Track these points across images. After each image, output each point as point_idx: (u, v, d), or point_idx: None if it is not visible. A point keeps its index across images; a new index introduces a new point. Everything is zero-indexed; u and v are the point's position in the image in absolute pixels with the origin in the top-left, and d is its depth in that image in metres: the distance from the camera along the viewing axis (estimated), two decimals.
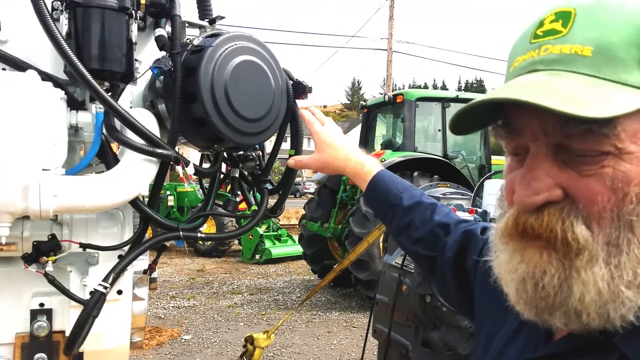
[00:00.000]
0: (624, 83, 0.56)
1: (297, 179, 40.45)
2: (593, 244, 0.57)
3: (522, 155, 0.63)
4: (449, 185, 6.55)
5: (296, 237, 10.30)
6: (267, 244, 10.73)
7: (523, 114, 0.61)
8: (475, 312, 0.94)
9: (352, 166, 1.24)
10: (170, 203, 11.41)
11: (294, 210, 18.76)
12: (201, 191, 1.98)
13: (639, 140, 0.56)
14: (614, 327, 0.58)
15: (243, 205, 1.92)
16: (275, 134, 1.59)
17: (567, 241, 0.58)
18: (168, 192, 11.40)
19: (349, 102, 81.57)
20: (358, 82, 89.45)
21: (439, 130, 8.04)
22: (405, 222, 1.17)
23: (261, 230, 10.80)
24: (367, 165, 1.24)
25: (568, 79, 0.57)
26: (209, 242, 11.11)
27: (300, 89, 1.58)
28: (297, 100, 1.59)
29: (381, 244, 6.38)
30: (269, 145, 1.75)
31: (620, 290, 0.56)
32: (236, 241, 11.69)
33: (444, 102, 7.97)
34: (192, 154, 1.91)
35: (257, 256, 10.71)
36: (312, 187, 23.83)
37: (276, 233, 11.16)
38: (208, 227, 10.43)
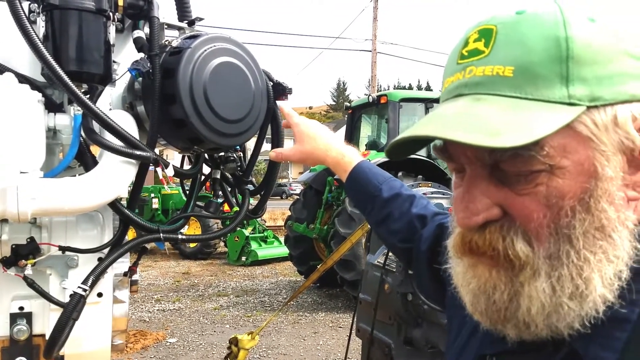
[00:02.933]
0: (547, 100, 0.56)
1: (284, 180, 40.52)
2: (534, 259, 0.58)
3: (464, 173, 0.64)
4: (430, 185, 6.63)
5: (282, 239, 10.29)
6: (253, 245, 10.70)
7: (455, 143, 0.59)
8: (447, 307, 0.96)
9: (332, 156, 1.23)
10: (155, 206, 11.33)
11: (280, 211, 18.75)
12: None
13: (569, 154, 0.57)
14: (562, 335, 0.60)
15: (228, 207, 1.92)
16: (256, 135, 1.60)
17: (509, 258, 0.59)
18: (152, 195, 11.32)
19: (334, 103, 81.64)
20: (343, 83, 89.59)
21: None
22: (384, 214, 1.17)
23: (247, 231, 10.77)
24: (347, 156, 1.23)
25: (489, 104, 0.57)
26: (194, 245, 11.05)
27: (280, 90, 1.59)
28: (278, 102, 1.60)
29: (364, 244, 6.40)
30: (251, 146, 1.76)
31: (563, 301, 0.57)
32: (222, 243, 11.64)
33: (428, 102, 8.02)
34: (177, 156, 1.91)
35: (243, 258, 10.67)
36: (298, 189, 23.81)
37: (262, 234, 11.13)
38: (193, 230, 10.38)
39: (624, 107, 0.56)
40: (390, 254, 2.69)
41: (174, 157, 1.99)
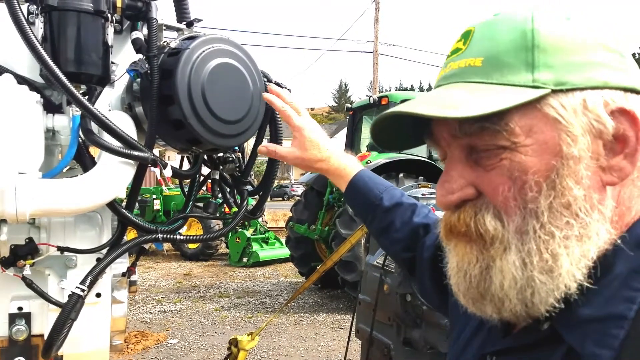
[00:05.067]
0: (511, 84, 0.61)
1: (285, 182, 40.53)
2: (504, 234, 0.62)
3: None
4: (430, 185, 6.63)
5: (284, 240, 10.30)
6: (255, 246, 10.70)
7: (437, 125, 0.68)
8: (449, 311, 0.96)
9: (333, 165, 1.20)
10: (157, 207, 11.32)
11: (281, 212, 18.75)
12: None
13: (535, 134, 0.61)
14: (539, 312, 0.61)
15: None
16: (255, 136, 1.60)
17: (479, 232, 0.63)
18: (154, 196, 11.32)
19: (336, 104, 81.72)
20: (345, 84, 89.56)
21: None
22: (386, 223, 1.17)
23: (248, 233, 10.77)
24: (347, 166, 1.21)
25: (458, 88, 0.64)
26: (195, 246, 11.05)
27: None
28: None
29: (363, 245, 6.40)
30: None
31: (534, 275, 0.60)
32: (223, 244, 11.65)
33: None
34: (177, 157, 1.91)
35: (245, 259, 10.68)
36: (299, 190, 23.83)
37: (263, 236, 11.13)
38: (195, 231, 10.38)
39: (595, 93, 0.61)
40: None
41: (175, 158, 2.00)
